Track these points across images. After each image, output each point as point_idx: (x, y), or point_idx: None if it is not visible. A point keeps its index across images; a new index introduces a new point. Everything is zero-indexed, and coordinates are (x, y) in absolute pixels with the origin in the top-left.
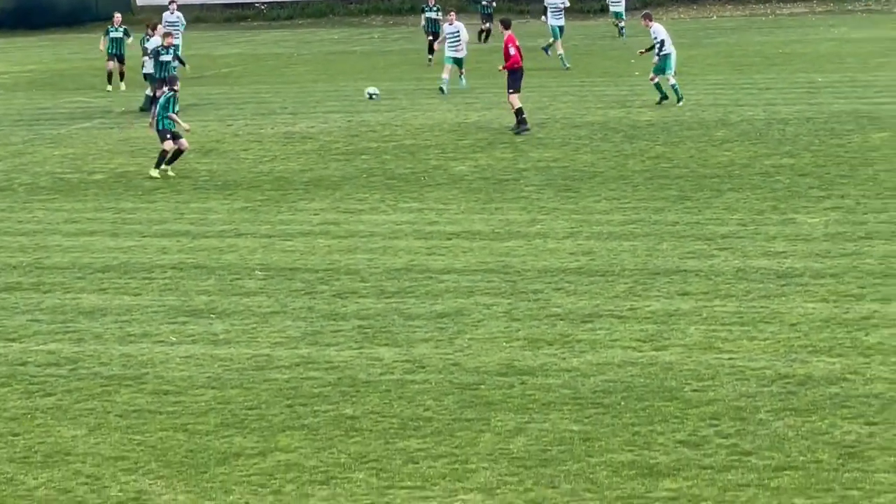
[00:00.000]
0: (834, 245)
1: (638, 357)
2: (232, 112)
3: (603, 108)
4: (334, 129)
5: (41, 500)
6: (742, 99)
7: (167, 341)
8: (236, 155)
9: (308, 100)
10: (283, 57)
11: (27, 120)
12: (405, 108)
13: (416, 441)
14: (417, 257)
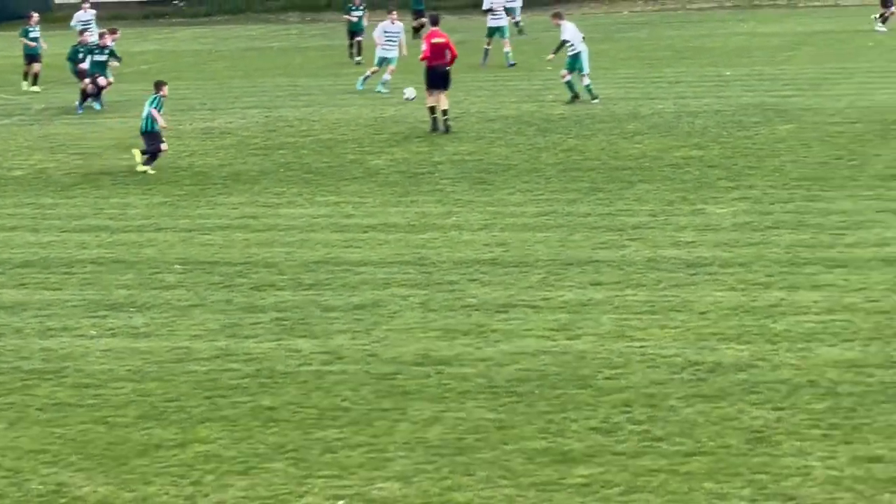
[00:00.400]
0: (742, 235)
1: (551, 346)
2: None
3: (516, 103)
4: (252, 125)
5: None
6: (653, 92)
7: (87, 335)
8: None
9: (226, 95)
10: (202, 53)
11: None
12: (322, 104)
13: (333, 431)
14: (334, 250)
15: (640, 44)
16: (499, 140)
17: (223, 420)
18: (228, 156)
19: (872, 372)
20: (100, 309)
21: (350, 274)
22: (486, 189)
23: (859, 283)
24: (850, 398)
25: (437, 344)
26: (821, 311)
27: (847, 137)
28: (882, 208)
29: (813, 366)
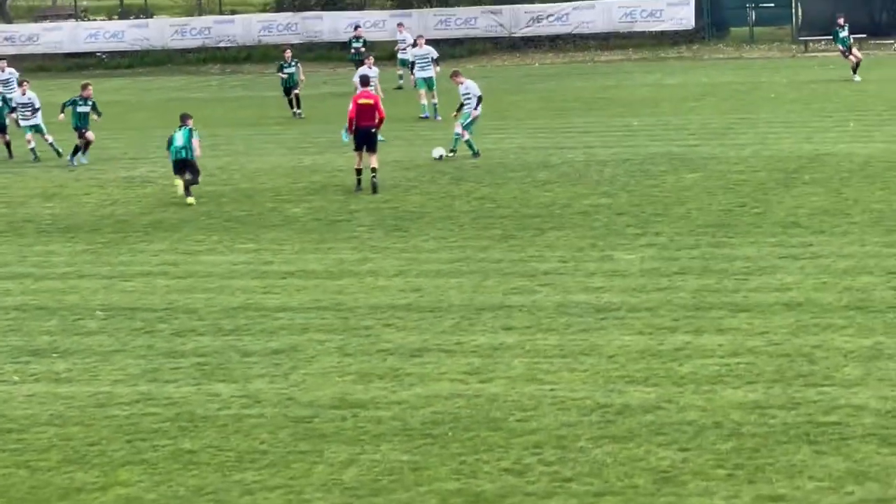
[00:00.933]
0: (649, 280)
1: (464, 389)
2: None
3: (426, 149)
4: (172, 175)
5: None
6: (562, 142)
7: (10, 381)
8: (78, 199)
9: (148, 145)
10: (124, 104)
11: None
12: (242, 153)
13: (252, 473)
14: (253, 296)
15: (550, 94)
16: (414, 188)
17: (144, 463)
18: (149, 204)
19: (775, 413)
20: (23, 354)
21: (269, 319)
22: (401, 236)
23: (762, 326)
24: (753, 439)
25: (354, 387)
26: (725, 355)
27: (750, 185)
28: (784, 254)
29: (718, 407)
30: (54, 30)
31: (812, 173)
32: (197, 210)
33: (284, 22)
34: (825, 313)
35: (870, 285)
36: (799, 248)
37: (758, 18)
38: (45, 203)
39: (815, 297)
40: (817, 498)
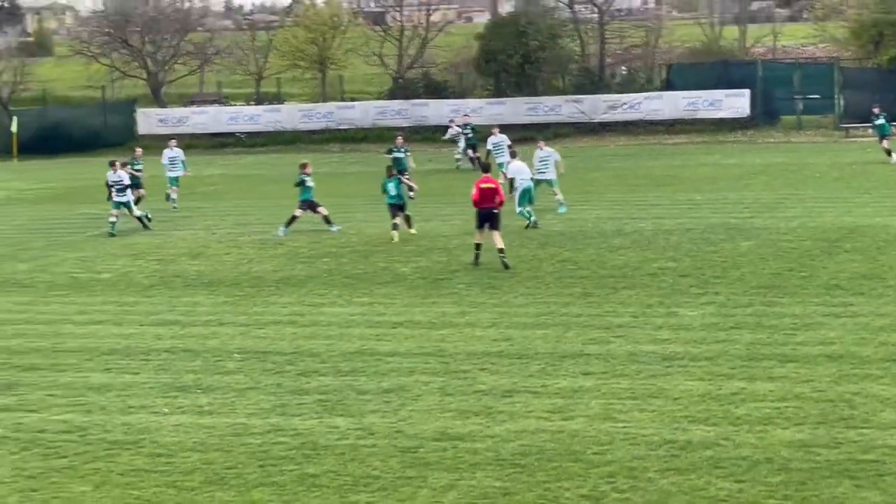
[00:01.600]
0: (709, 333)
1: (549, 425)
2: (216, 222)
3: (521, 220)
4: (301, 238)
5: None
6: (634, 213)
7: (161, 412)
8: (220, 258)
9: (279, 213)
10: (259, 177)
11: (46, 228)
12: (359, 220)
13: (365, 495)
14: (368, 342)
15: (623, 172)
16: (506, 252)
17: (274, 485)
18: (280, 263)
19: (819, 451)
20: (171, 390)
21: (381, 363)
22: (494, 293)
23: (808, 375)
24: (800, 473)
25: (453, 422)
26: (775, 399)
27: (798, 252)
28: (827, 312)
29: (769, 445)
30: (201, 113)
31: (852, 242)
32: (320, 268)
33: (396, 108)
34: (864, 364)
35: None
36: (840, 308)
37: (805, 108)
38: (191, 261)
39: (854, 350)
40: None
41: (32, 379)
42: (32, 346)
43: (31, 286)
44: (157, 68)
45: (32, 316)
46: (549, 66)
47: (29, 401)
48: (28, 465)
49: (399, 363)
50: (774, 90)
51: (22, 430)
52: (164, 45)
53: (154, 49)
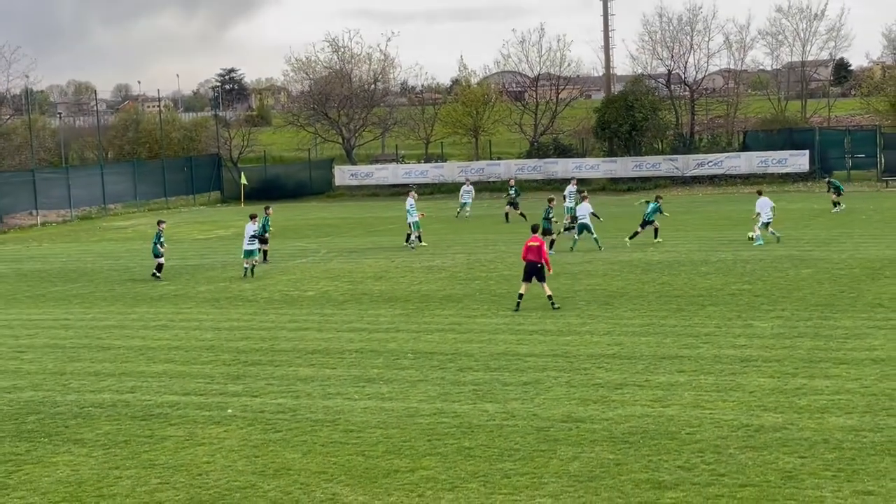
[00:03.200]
0: (777, 341)
1: (651, 411)
2: (395, 254)
3: (629, 252)
4: (459, 264)
5: (272, 500)
6: (717, 247)
7: (352, 398)
8: (396, 280)
9: (442, 245)
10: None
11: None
12: (503, 251)
13: (509, 463)
14: (511, 346)
15: (709, 215)
16: (617, 276)
17: (438, 455)
18: (443, 284)
19: (866, 434)
20: (360, 381)
21: (521, 361)
22: (608, 307)
23: (856, 374)
24: (850, 451)
25: (577, 408)
26: (831, 392)
27: (848, 278)
28: (872, 325)
29: (825, 429)
30: (382, 169)
31: (892, 270)
32: (474, 288)
33: (532, 165)
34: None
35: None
36: (882, 321)
37: (853, 164)
38: (375, 282)
39: (894, 355)
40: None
41: (255, 371)
42: (255, 347)
43: (254, 301)
44: (349, 135)
45: (255, 323)
46: (650, 133)
47: (253, 388)
48: (252, 437)
49: (535, 362)
50: (829, 151)
51: (247, 410)
52: (355, 118)
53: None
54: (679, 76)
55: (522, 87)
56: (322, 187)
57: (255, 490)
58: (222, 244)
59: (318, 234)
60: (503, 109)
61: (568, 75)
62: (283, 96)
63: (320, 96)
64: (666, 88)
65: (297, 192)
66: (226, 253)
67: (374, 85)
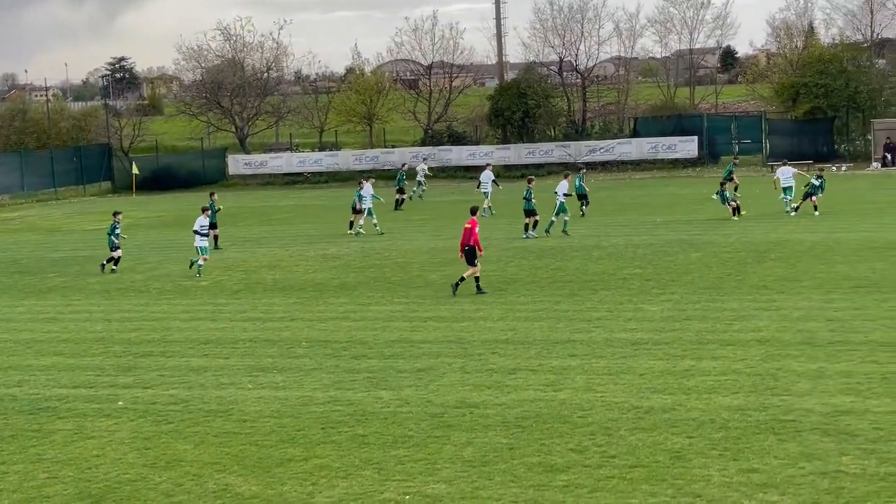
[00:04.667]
0: (667, 324)
1: (543, 395)
2: (289, 242)
3: (522, 239)
4: (353, 252)
5: (163, 492)
6: (609, 232)
7: (246, 388)
8: (290, 269)
9: (337, 234)
10: (321, 206)
11: (160, 247)
12: (398, 239)
13: (403, 450)
14: (405, 333)
15: (601, 201)
16: (512, 262)
17: (332, 443)
18: (337, 272)
19: (751, 413)
20: (254, 371)
21: (415, 349)
22: (502, 294)
23: (742, 355)
24: (736, 430)
25: (470, 394)
26: (718, 373)
27: (735, 261)
28: (757, 307)
29: (713, 409)
30: (276, 158)
31: (776, 253)
32: (368, 276)
33: (426, 152)
34: (785, 347)
35: (815, 328)
36: (767, 303)
37: (740, 150)
38: (269, 271)
39: (778, 335)
40: (780, 470)
41: (146, 363)
42: (147, 338)
43: (146, 291)
44: (242, 124)
45: (147, 314)
46: (543, 120)
47: (144, 379)
48: (143, 429)
49: (429, 348)
50: (716, 137)
51: (138, 402)
52: (248, 106)
53: (240, 109)
54: (571, 64)
55: (416, 75)
56: (215, 176)
57: (146, 482)
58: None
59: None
60: (397, 98)
61: (461, 63)
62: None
63: (213, 85)
64: (558, 76)
65: (190, 181)
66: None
67: (267, 73)
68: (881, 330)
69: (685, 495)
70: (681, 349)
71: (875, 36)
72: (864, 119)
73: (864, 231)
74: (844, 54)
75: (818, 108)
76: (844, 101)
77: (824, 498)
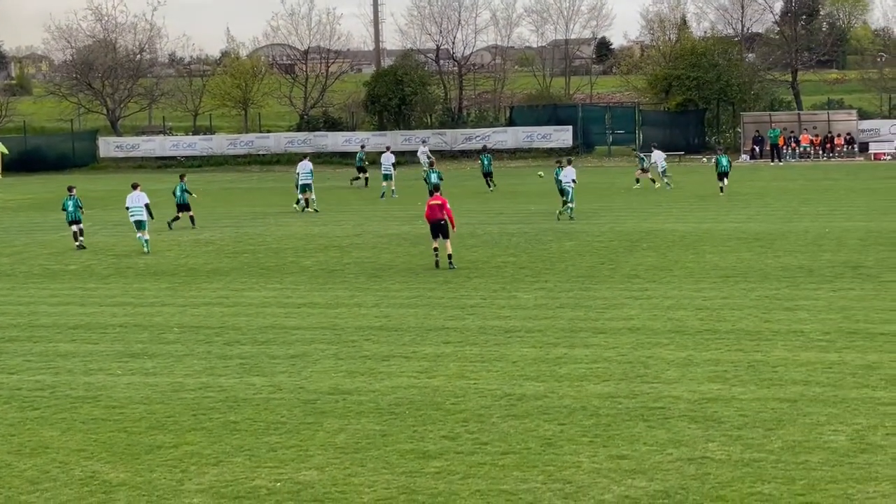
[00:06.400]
0: (540, 312)
1: (417, 382)
2: (163, 227)
3: (398, 225)
4: (226, 238)
5: (29, 479)
6: (485, 220)
7: (115, 374)
8: (163, 253)
9: (210, 219)
10: (196, 192)
11: (26, 230)
12: (272, 224)
13: (276, 437)
14: (278, 319)
15: (476, 189)
16: (386, 249)
17: (203, 430)
18: (210, 257)
19: (621, 400)
20: (124, 356)
21: (288, 335)
22: (377, 280)
23: (613, 343)
24: (607, 417)
25: (344, 380)
26: (589, 361)
27: (608, 250)
28: (629, 296)
29: (584, 396)
30: (149, 141)
31: (648, 242)
32: (242, 261)
33: (302, 138)
34: (655, 335)
35: (684, 317)
36: (638, 292)
37: (613, 140)
38: (140, 256)
39: (648, 324)
40: (648, 456)
41: (12, 348)
42: (12, 322)
43: (12, 275)
44: (114, 106)
45: (13, 298)
46: (420, 107)
47: (9, 365)
48: (7, 415)
49: (302, 335)
50: (591, 126)
51: (3, 388)
52: (120, 88)
53: (112, 91)
54: (448, 51)
55: (292, 59)
56: (86, 159)
57: (11, 469)
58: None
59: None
60: (273, 82)
61: (338, 49)
62: (45, 65)
63: (83, 66)
64: (435, 63)
65: (60, 163)
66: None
67: (141, 55)
68: (748, 319)
69: (555, 481)
70: (553, 337)
71: (746, 30)
72: (735, 112)
73: (732, 222)
74: (716, 48)
75: (690, 101)
76: (715, 93)
77: (691, 483)
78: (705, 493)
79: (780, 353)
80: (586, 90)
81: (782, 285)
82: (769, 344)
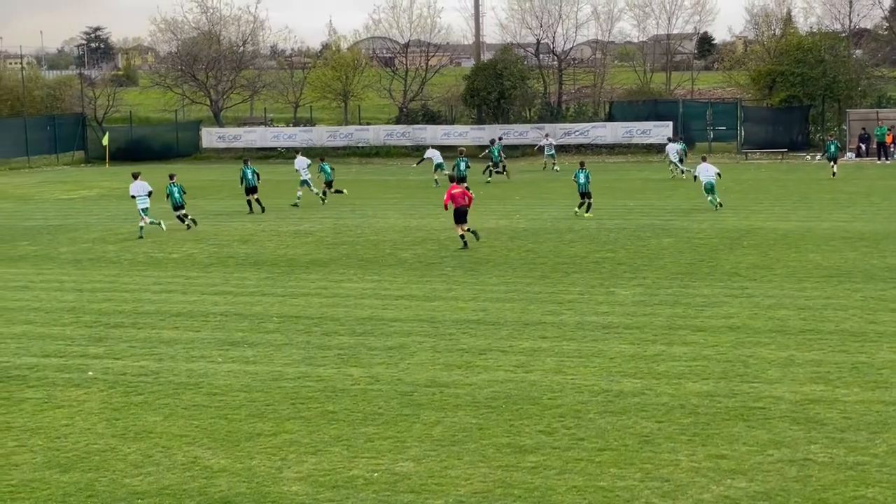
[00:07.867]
0: (638, 308)
1: (514, 377)
2: (261, 217)
3: (495, 219)
4: (326, 229)
5: (132, 463)
6: (583, 216)
7: (216, 361)
8: (263, 244)
9: (309, 209)
10: (296, 182)
11: (133, 219)
12: (371, 216)
13: (372, 427)
14: (376, 311)
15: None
16: (483, 244)
17: (302, 419)
18: (310, 248)
19: (720, 399)
20: (224, 345)
21: (386, 326)
22: (474, 274)
23: (713, 341)
24: (706, 416)
25: (441, 373)
26: (688, 359)
27: (707, 247)
28: (728, 294)
29: (682, 394)
30: (250, 132)
31: (749, 240)
32: (340, 253)
33: (401, 131)
34: (756, 334)
35: (786, 316)
36: (738, 290)
37: (714, 137)
38: (241, 245)
39: (749, 322)
40: (748, 457)
41: (118, 334)
42: (118, 309)
43: (118, 262)
44: (217, 97)
45: (118, 285)
46: (518, 101)
47: (115, 350)
48: (112, 400)
49: (400, 327)
50: (692, 123)
51: (109, 373)
52: (223, 80)
53: (215, 82)
54: (548, 46)
55: (393, 53)
56: (189, 149)
57: (115, 453)
58: (85, 205)
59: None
60: (373, 75)
61: (438, 42)
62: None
63: (188, 57)
64: (535, 58)
65: (164, 153)
66: (89, 214)
67: (243, 47)
68: (852, 319)
69: (653, 479)
70: (651, 334)
71: (853, 26)
72: (840, 109)
73: (836, 221)
74: (822, 43)
75: (794, 97)
76: (821, 90)
77: (792, 486)
78: (807, 496)
79: (885, 356)
80: (687, 86)
81: (888, 286)
82: (874, 346)
